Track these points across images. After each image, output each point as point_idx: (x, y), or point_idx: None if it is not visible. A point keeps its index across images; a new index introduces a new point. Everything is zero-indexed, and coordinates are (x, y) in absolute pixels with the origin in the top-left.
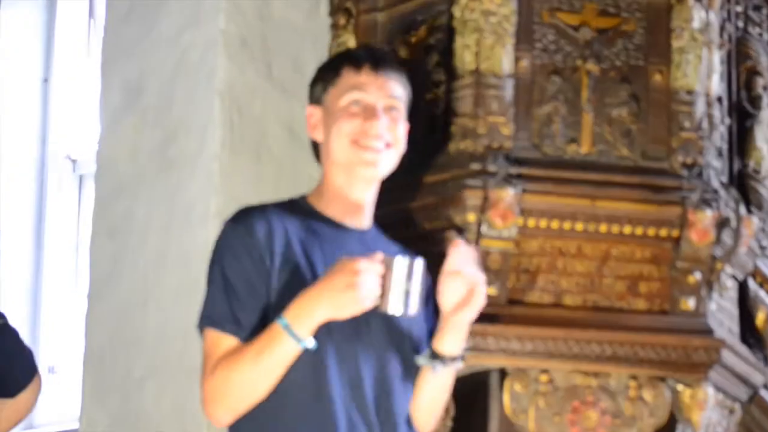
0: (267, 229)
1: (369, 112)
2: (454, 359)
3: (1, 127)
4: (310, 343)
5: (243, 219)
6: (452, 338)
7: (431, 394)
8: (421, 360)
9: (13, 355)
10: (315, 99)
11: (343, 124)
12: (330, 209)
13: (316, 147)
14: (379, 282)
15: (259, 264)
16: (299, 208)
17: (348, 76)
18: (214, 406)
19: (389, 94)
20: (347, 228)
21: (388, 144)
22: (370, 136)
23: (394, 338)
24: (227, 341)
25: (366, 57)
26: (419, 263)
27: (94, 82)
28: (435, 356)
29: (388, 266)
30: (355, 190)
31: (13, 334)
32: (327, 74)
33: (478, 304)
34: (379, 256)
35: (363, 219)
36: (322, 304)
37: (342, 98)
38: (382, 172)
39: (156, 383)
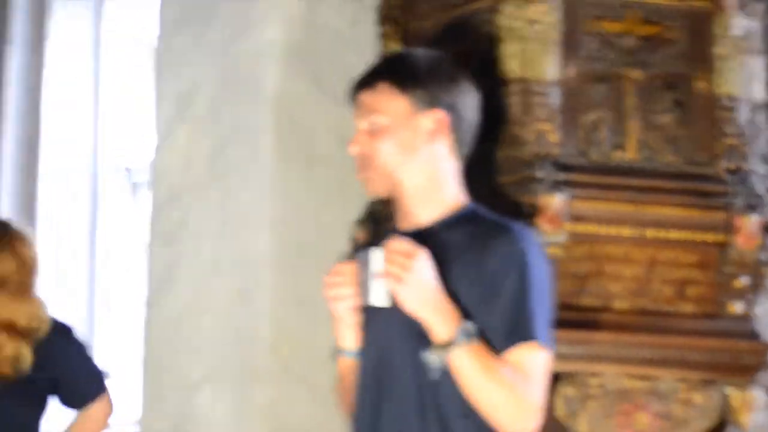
0: None
1: None
2: (438, 347)
3: (55, 136)
4: (349, 352)
5: None
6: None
7: (463, 387)
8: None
9: (79, 365)
10: None
11: None
12: (399, 219)
13: None
14: (354, 279)
15: None
16: (390, 232)
17: None
18: None
19: (361, 114)
20: (406, 232)
21: (370, 166)
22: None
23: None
24: None
25: (349, 90)
26: (377, 253)
27: (148, 91)
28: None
29: (362, 262)
30: None
31: (80, 346)
32: None
33: (401, 299)
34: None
35: (417, 214)
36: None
37: None
38: (375, 191)
39: (213, 387)
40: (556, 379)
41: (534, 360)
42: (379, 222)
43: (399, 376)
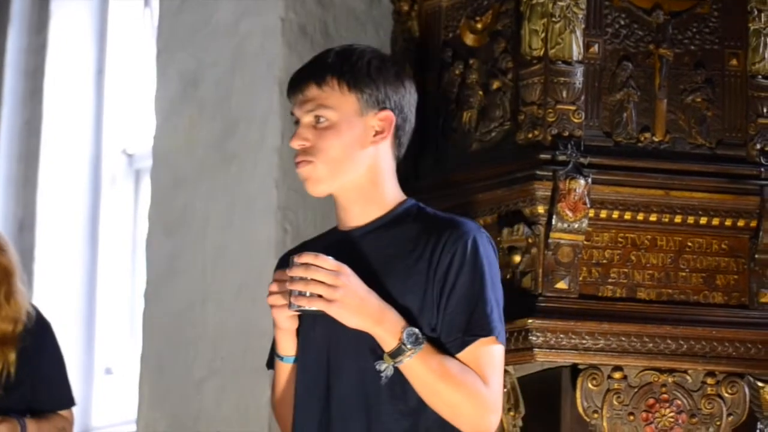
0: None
1: None
2: (389, 356)
3: (54, 122)
4: (288, 359)
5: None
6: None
7: (418, 390)
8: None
9: (54, 368)
10: None
11: None
12: (339, 219)
13: None
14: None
15: None
16: (331, 232)
17: None
18: None
19: (306, 107)
20: (352, 229)
21: (316, 162)
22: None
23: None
24: None
25: (291, 82)
26: (296, 259)
27: (150, 73)
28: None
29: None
30: None
31: (57, 346)
32: None
33: (327, 309)
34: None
35: (358, 214)
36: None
37: None
38: (317, 188)
39: (217, 384)
40: (577, 372)
41: (493, 355)
42: None
43: (345, 380)
